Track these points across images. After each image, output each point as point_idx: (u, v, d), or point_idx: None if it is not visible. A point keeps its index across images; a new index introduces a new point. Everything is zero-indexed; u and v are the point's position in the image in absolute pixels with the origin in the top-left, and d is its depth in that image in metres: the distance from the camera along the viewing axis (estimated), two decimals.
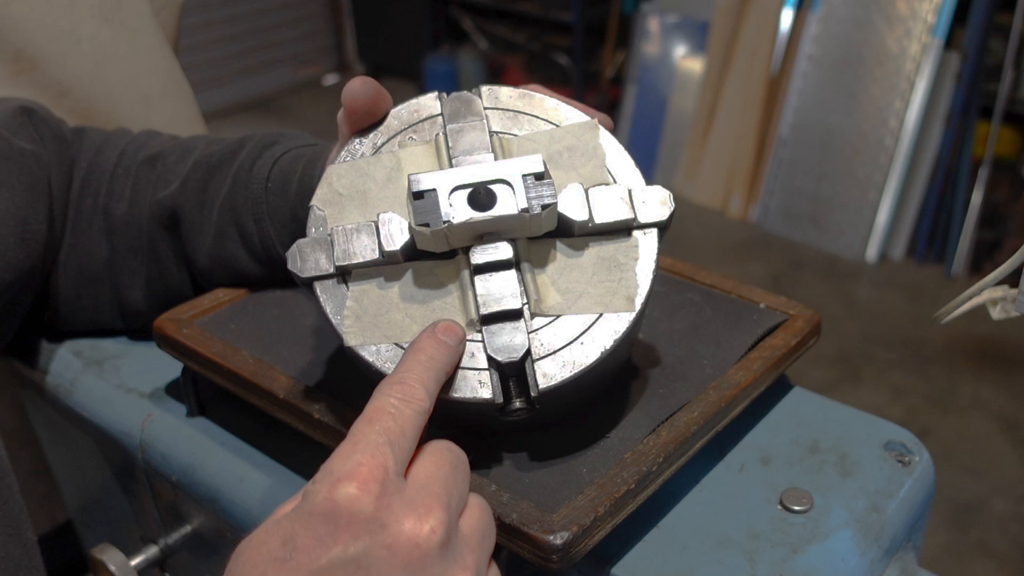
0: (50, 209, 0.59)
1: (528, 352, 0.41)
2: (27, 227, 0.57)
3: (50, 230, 0.59)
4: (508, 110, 0.46)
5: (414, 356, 0.38)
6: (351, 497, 0.32)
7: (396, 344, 0.41)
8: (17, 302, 0.59)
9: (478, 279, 0.41)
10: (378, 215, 0.42)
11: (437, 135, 0.45)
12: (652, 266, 0.43)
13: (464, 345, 0.41)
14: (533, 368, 0.41)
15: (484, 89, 0.47)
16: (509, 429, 0.45)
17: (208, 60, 3.51)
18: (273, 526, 0.33)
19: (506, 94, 0.47)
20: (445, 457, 0.36)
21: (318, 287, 0.42)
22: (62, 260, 0.62)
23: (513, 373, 0.41)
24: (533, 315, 0.42)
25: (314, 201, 0.44)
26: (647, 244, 0.43)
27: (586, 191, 0.43)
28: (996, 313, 0.52)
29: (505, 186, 0.41)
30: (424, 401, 0.37)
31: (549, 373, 0.41)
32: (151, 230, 0.60)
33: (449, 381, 0.40)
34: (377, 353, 0.41)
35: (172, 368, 0.59)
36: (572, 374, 0.41)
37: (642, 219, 0.43)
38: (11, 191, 0.56)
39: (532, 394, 0.41)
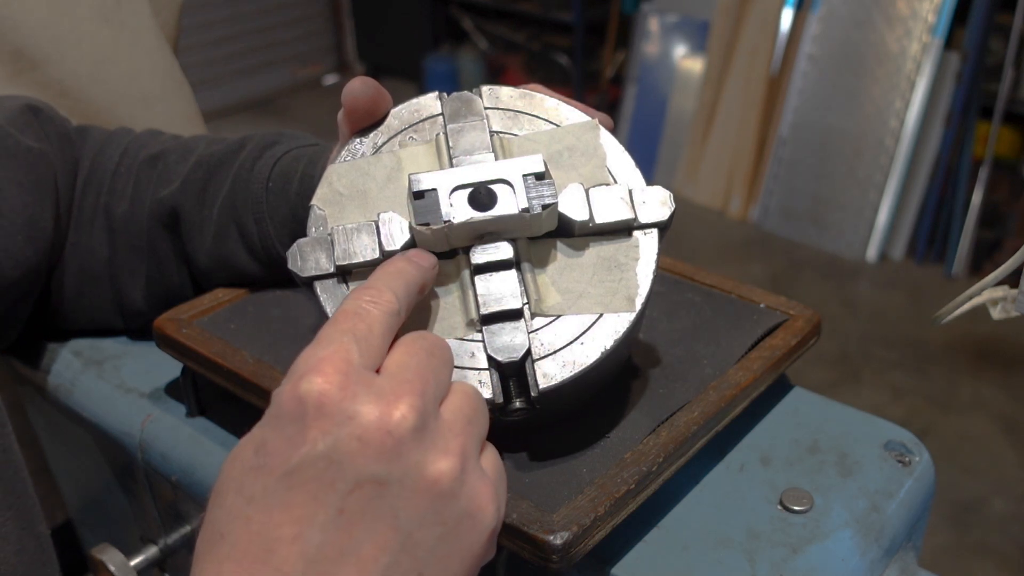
0: (56, 207, 0.59)
1: (528, 352, 0.41)
2: (34, 225, 0.57)
3: (56, 228, 0.60)
4: (508, 110, 0.46)
5: (383, 269, 0.38)
6: (315, 391, 0.31)
7: None
8: (23, 300, 0.59)
9: (478, 279, 0.41)
10: (378, 215, 0.42)
11: (437, 135, 0.45)
12: (652, 266, 0.43)
13: (436, 271, 0.40)
14: (533, 368, 0.41)
15: (485, 89, 0.47)
16: (509, 429, 0.45)
17: (208, 60, 3.51)
18: (247, 438, 0.32)
19: (506, 94, 0.47)
20: (418, 345, 0.35)
21: (318, 287, 0.42)
22: (64, 259, 0.62)
23: (513, 373, 0.41)
24: (533, 315, 0.42)
25: (314, 200, 0.44)
26: (647, 244, 0.43)
27: (586, 191, 0.43)
28: (996, 313, 0.52)
29: (506, 186, 0.41)
30: (393, 303, 0.35)
31: (549, 373, 0.41)
32: (152, 229, 0.60)
33: None
34: None
35: (172, 368, 0.58)
36: (572, 374, 0.41)
37: (642, 219, 0.43)
38: (19, 189, 0.56)
39: (532, 394, 0.41)
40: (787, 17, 2.71)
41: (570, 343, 0.41)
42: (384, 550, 0.31)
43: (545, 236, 0.43)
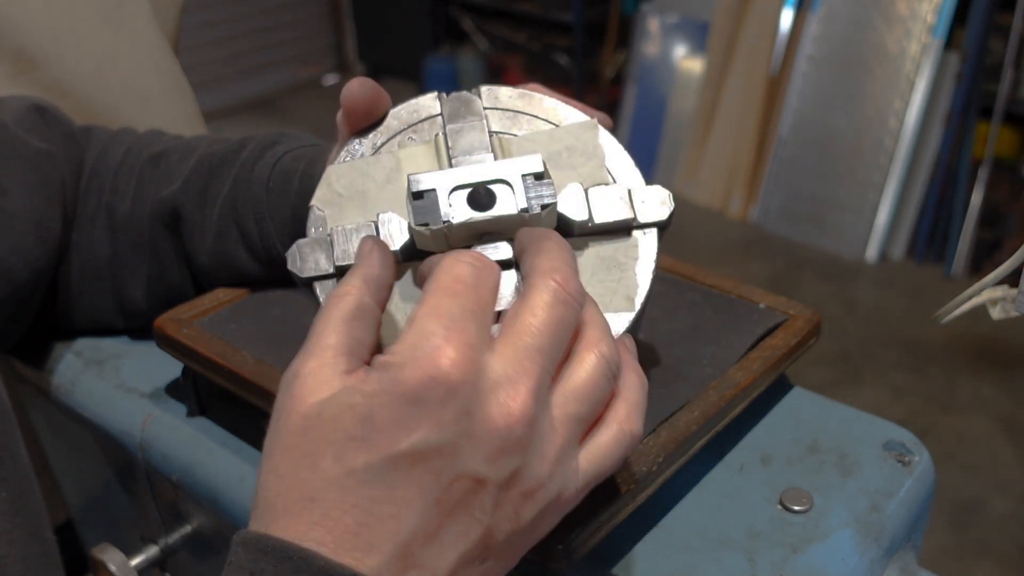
0: (64, 208, 0.59)
1: None
2: (43, 226, 0.57)
3: (64, 229, 0.60)
4: (508, 110, 0.46)
5: (467, 254, 0.36)
6: (440, 380, 0.31)
7: None
8: (31, 300, 0.59)
9: None
10: (378, 215, 0.42)
11: (436, 135, 0.45)
12: (652, 266, 0.43)
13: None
14: None
15: (483, 89, 0.47)
16: None
17: (208, 60, 3.51)
18: (347, 397, 0.32)
19: (505, 94, 0.47)
20: (537, 318, 0.33)
21: (318, 287, 0.42)
22: (66, 257, 0.62)
23: None
24: None
25: (314, 201, 0.44)
26: (647, 244, 0.43)
27: (586, 191, 0.43)
28: (996, 313, 0.52)
29: (505, 186, 0.41)
30: (498, 274, 0.35)
31: None
32: (153, 228, 0.60)
33: None
34: None
35: (172, 368, 0.59)
36: None
37: (642, 219, 0.43)
38: (28, 190, 0.56)
39: None
40: (787, 17, 2.71)
41: None
42: (464, 538, 0.32)
43: None
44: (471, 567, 0.32)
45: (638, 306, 0.42)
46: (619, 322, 0.42)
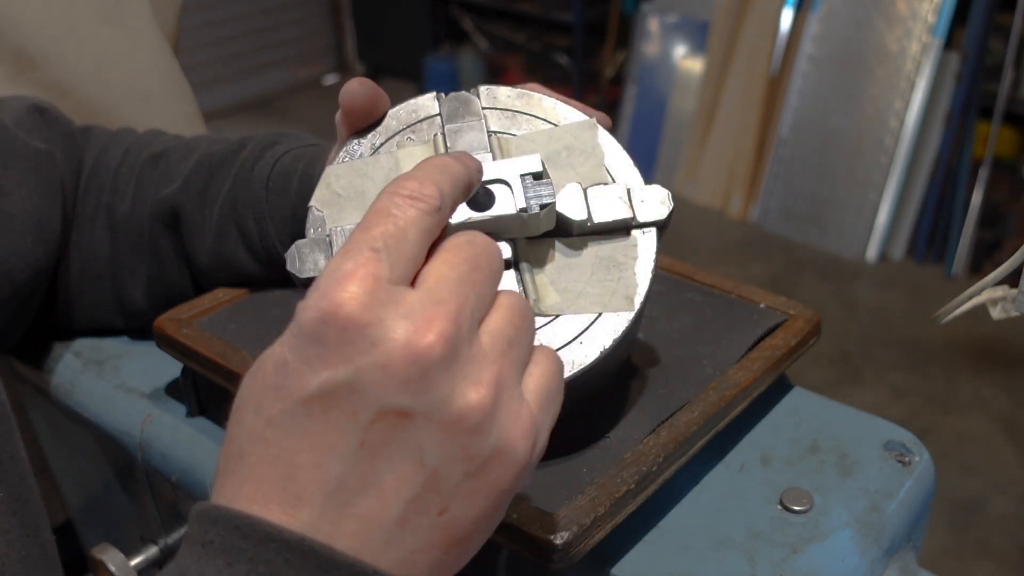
0: (64, 208, 0.60)
1: None
2: (44, 227, 0.57)
3: (64, 229, 0.60)
4: (506, 110, 0.46)
5: (426, 162, 0.34)
6: (337, 313, 0.28)
7: None
8: (31, 301, 0.59)
9: None
10: None
11: (435, 135, 0.45)
12: (651, 265, 0.43)
13: (482, 175, 0.36)
14: None
15: (482, 89, 0.47)
16: None
17: (208, 60, 3.51)
18: (270, 351, 0.31)
19: (504, 94, 0.47)
20: (460, 255, 0.31)
21: None
22: (65, 257, 0.62)
23: None
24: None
25: (313, 202, 0.44)
26: (646, 243, 0.43)
27: (585, 190, 0.43)
28: (996, 313, 0.52)
29: (503, 186, 0.41)
30: (435, 199, 0.32)
31: None
32: (153, 228, 0.60)
33: None
34: None
35: (172, 368, 0.59)
36: (571, 374, 0.41)
37: (641, 218, 0.43)
38: (28, 191, 0.56)
39: None
40: (787, 17, 2.71)
41: (569, 343, 0.41)
42: (406, 483, 0.29)
43: (543, 236, 0.43)
44: (425, 516, 0.30)
45: (638, 306, 0.42)
46: (619, 321, 0.42)
